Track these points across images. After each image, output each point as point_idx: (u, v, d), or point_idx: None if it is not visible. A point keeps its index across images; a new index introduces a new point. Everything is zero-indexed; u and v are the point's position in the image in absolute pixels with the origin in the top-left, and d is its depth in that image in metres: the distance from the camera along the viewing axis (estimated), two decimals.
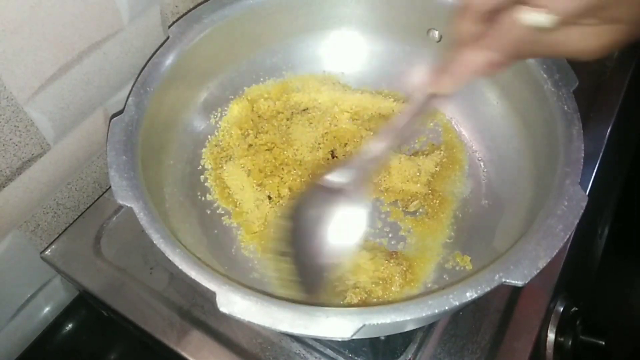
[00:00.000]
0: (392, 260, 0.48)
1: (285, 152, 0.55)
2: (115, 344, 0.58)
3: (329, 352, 0.46)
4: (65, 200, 0.56)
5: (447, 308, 0.34)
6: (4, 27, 0.42)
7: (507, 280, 0.35)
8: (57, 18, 0.45)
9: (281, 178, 0.53)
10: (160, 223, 0.39)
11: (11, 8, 0.41)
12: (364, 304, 0.45)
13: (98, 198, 0.57)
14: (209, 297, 0.48)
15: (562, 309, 0.51)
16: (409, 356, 0.45)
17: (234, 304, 0.35)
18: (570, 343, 0.51)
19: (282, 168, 0.54)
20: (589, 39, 0.30)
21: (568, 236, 0.37)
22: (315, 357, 0.46)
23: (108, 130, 0.44)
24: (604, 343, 0.53)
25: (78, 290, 0.59)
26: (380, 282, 0.46)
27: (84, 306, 0.60)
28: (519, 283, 0.35)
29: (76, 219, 0.56)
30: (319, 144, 0.56)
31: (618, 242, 0.75)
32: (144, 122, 0.45)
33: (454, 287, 0.35)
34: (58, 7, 0.45)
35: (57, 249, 0.53)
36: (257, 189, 0.53)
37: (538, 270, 0.36)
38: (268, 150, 0.55)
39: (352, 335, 0.33)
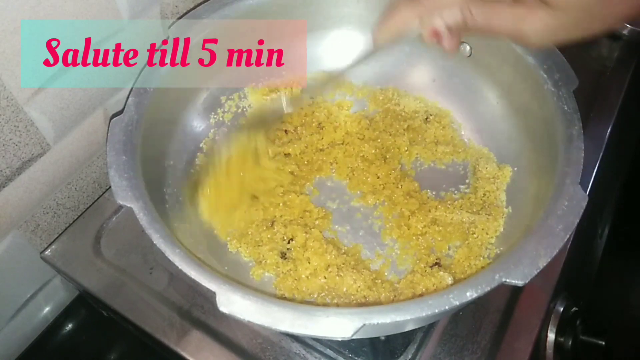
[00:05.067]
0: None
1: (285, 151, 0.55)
2: (115, 344, 0.58)
3: (329, 352, 0.46)
4: (65, 200, 0.56)
5: (447, 307, 0.34)
6: (4, 28, 0.41)
7: (507, 280, 0.35)
8: (57, 18, 0.45)
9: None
10: (160, 223, 0.39)
11: (11, 8, 0.41)
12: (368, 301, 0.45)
13: (98, 198, 0.57)
14: (209, 297, 0.48)
15: (562, 309, 0.51)
16: (409, 356, 0.45)
17: (234, 303, 0.35)
18: (570, 343, 0.51)
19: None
20: (520, 22, 0.33)
21: (568, 236, 0.37)
22: (315, 357, 0.46)
23: (108, 130, 0.44)
24: (603, 343, 0.53)
25: (78, 290, 0.59)
26: None
27: (84, 306, 0.60)
28: (519, 283, 0.35)
29: (76, 219, 0.56)
30: (318, 143, 0.56)
31: (618, 242, 0.75)
32: (144, 122, 0.45)
33: (454, 287, 0.35)
34: (58, 7, 0.45)
35: (57, 249, 0.53)
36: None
37: (538, 270, 0.36)
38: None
39: (353, 335, 0.33)
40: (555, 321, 0.50)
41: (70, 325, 0.59)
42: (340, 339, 0.34)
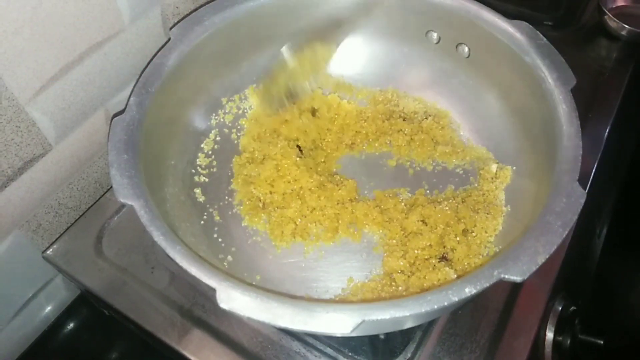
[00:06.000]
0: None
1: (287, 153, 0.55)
2: (117, 343, 0.59)
3: (329, 350, 0.46)
4: (66, 200, 0.56)
5: (446, 304, 0.34)
6: (5, 28, 0.42)
7: (506, 276, 0.35)
8: (58, 19, 0.46)
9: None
10: (161, 221, 0.39)
11: (12, 9, 0.42)
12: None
13: (99, 198, 0.57)
14: (210, 296, 0.49)
15: (560, 308, 0.51)
16: (409, 355, 0.45)
17: (234, 300, 0.35)
18: (568, 342, 0.51)
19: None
20: None
21: (567, 232, 0.37)
22: (315, 356, 0.46)
23: (109, 129, 0.44)
24: (602, 342, 0.54)
25: (79, 290, 0.59)
26: None
27: (86, 305, 0.60)
28: (518, 279, 0.35)
29: (78, 218, 0.56)
30: (318, 143, 0.57)
31: (616, 241, 0.75)
32: (145, 122, 0.46)
33: (453, 283, 0.35)
34: (59, 7, 0.45)
35: (58, 249, 0.54)
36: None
37: (537, 266, 0.36)
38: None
39: (352, 331, 0.33)
40: (554, 320, 0.50)
41: (71, 325, 0.60)
42: (339, 335, 0.34)
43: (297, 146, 0.55)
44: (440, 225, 0.49)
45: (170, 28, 0.51)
